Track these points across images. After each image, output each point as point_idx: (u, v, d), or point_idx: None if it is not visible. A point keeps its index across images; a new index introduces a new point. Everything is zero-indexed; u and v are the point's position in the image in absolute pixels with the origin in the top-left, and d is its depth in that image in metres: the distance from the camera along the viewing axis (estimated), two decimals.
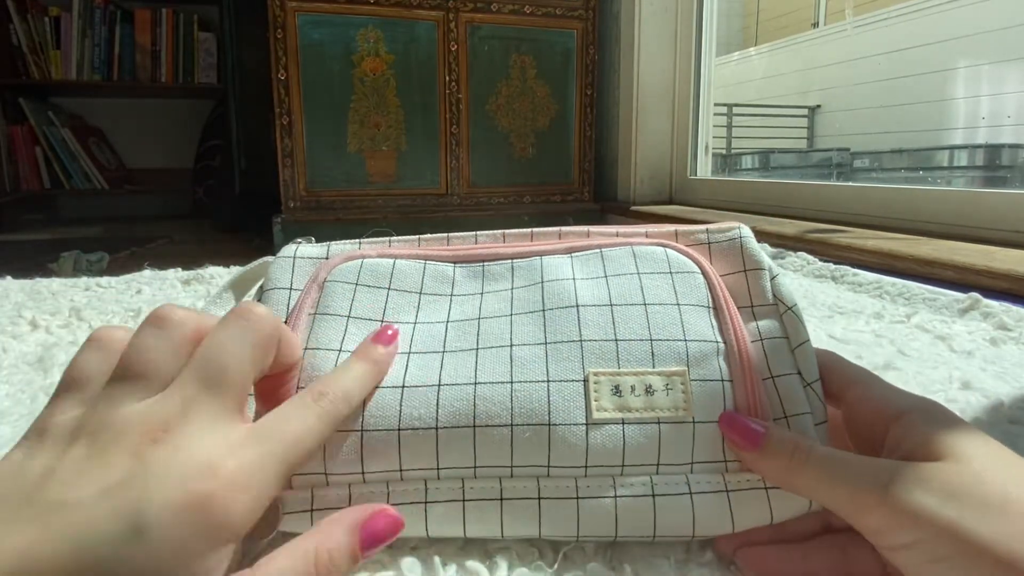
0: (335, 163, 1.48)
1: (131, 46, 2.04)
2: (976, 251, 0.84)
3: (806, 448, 0.24)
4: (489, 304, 0.30)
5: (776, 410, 0.27)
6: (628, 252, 0.31)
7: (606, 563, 0.26)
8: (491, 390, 0.26)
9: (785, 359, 0.28)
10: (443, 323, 0.29)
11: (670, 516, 0.25)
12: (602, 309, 0.28)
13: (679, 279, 0.29)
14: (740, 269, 0.30)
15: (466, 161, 1.58)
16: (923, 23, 3.24)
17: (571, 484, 0.25)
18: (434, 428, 0.25)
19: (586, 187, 1.70)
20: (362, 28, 1.46)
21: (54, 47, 1.97)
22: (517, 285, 0.31)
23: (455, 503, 0.26)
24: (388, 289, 0.30)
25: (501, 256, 0.32)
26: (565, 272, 0.30)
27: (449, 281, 0.31)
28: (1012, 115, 2.96)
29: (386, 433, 0.25)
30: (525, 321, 0.29)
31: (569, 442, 0.25)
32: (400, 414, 0.26)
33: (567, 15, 1.60)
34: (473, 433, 0.25)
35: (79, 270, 1.43)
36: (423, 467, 0.26)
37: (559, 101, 1.64)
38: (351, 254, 0.32)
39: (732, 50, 4.79)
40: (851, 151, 3.50)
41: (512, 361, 0.27)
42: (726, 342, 0.28)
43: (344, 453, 0.25)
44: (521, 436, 0.25)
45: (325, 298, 0.30)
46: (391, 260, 0.31)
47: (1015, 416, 0.42)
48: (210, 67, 2.09)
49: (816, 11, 4.52)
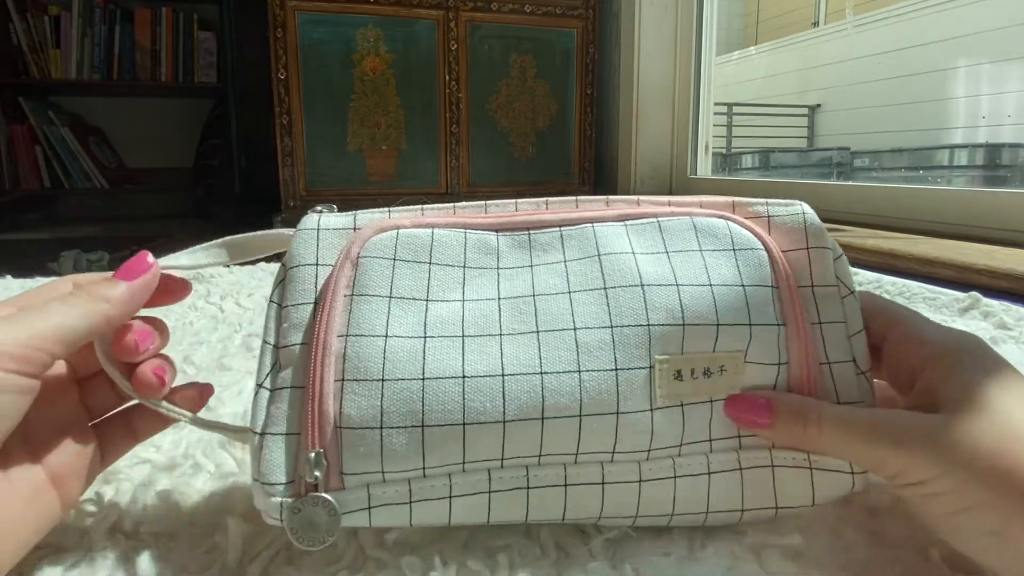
0: (335, 162, 1.48)
1: (131, 45, 2.04)
2: (976, 250, 0.84)
3: (818, 411, 0.25)
4: (543, 279, 0.28)
5: (830, 396, 0.27)
6: (688, 224, 0.29)
7: (608, 561, 0.26)
8: (559, 380, 0.25)
9: (843, 345, 0.27)
10: (494, 300, 0.27)
11: (722, 491, 0.26)
12: (668, 290, 0.27)
13: (742, 256, 0.28)
14: (803, 247, 0.29)
15: (466, 160, 1.58)
16: (923, 22, 3.24)
17: (635, 468, 0.26)
18: (501, 422, 0.24)
19: (586, 186, 1.70)
20: (362, 27, 1.46)
21: (54, 46, 1.97)
22: (570, 257, 0.28)
23: (519, 491, 0.25)
24: (429, 264, 0.28)
25: (547, 224, 0.29)
26: (623, 245, 0.28)
27: (494, 252, 0.29)
28: (1012, 114, 2.96)
29: (450, 428, 0.24)
30: (586, 300, 0.27)
31: (635, 428, 0.25)
32: (464, 408, 0.24)
33: (567, 14, 1.60)
34: (541, 425, 0.25)
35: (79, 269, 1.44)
36: (487, 458, 0.25)
37: (559, 100, 1.64)
38: (383, 224, 0.28)
39: (732, 49, 4.79)
40: (851, 150, 3.50)
41: (578, 347, 0.26)
42: (787, 323, 0.27)
43: (403, 448, 0.24)
44: (589, 426, 0.25)
45: (362, 276, 0.27)
46: (429, 230, 0.28)
47: None
48: (210, 66, 2.09)
49: (816, 10, 4.52)
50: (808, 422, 0.25)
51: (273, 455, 0.24)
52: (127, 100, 2.25)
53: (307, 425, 0.24)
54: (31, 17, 1.95)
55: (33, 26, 1.95)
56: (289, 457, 0.24)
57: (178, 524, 0.29)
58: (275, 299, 0.27)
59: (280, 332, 0.26)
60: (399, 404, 0.24)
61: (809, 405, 0.25)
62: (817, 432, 0.25)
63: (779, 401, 0.26)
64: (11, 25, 1.93)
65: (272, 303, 0.27)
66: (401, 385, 0.24)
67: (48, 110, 2.07)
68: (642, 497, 0.26)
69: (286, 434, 0.25)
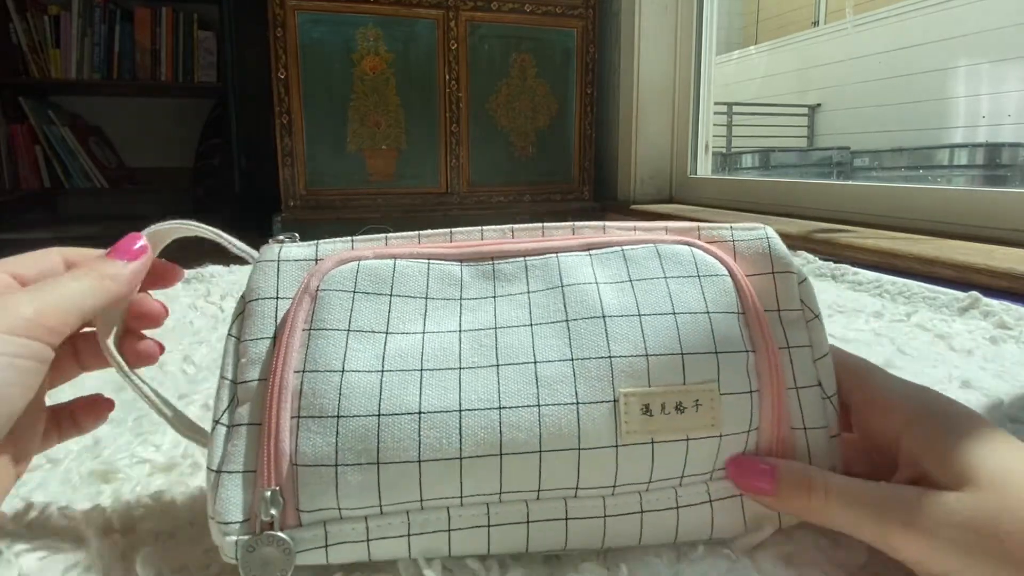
0: (335, 162, 1.48)
1: (131, 45, 2.04)
2: (976, 250, 0.84)
3: (824, 483, 0.24)
4: (505, 311, 0.27)
5: (796, 421, 0.27)
6: (652, 252, 0.29)
7: (600, 563, 0.26)
8: (517, 416, 0.24)
9: (809, 370, 0.27)
10: (455, 332, 0.27)
11: (691, 522, 0.26)
12: (631, 320, 0.26)
13: (707, 283, 0.28)
14: (768, 271, 0.29)
15: (466, 160, 1.58)
16: (923, 22, 3.24)
17: (599, 504, 0.25)
18: (458, 459, 0.24)
19: (586, 186, 1.70)
20: (362, 26, 1.46)
21: (54, 46, 1.97)
22: (534, 288, 0.28)
23: (479, 529, 0.25)
24: (390, 296, 0.27)
25: (512, 254, 0.29)
26: (586, 275, 0.28)
27: (457, 283, 0.28)
28: (1012, 114, 2.95)
29: (405, 466, 0.24)
30: (548, 333, 0.26)
31: (598, 465, 0.25)
32: (420, 445, 0.24)
33: (567, 14, 1.60)
34: (500, 461, 0.24)
35: None
36: (446, 496, 0.25)
37: (559, 100, 1.64)
38: (344, 256, 0.28)
39: (732, 49, 4.79)
40: (851, 150, 3.50)
41: (538, 381, 0.25)
42: (755, 350, 0.27)
43: (359, 486, 0.24)
44: (550, 462, 0.24)
45: (320, 310, 0.26)
46: (391, 261, 0.28)
47: (1015, 415, 0.42)
48: (210, 66, 2.09)
49: (816, 10, 4.52)
50: (813, 493, 0.24)
51: (229, 493, 0.24)
52: (127, 100, 2.25)
53: (263, 463, 0.24)
54: (31, 17, 1.95)
55: (33, 26, 1.95)
56: (245, 495, 0.24)
57: (177, 523, 0.29)
58: (233, 333, 0.27)
59: (238, 367, 0.26)
60: (354, 441, 0.24)
61: (814, 475, 0.25)
62: (822, 504, 0.24)
63: (784, 469, 0.25)
64: (11, 25, 1.93)
65: (231, 336, 0.27)
66: (356, 422, 0.24)
67: (48, 110, 2.06)
68: (607, 531, 0.26)
69: (243, 471, 0.25)
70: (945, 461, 0.23)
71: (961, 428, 0.24)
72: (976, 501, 0.21)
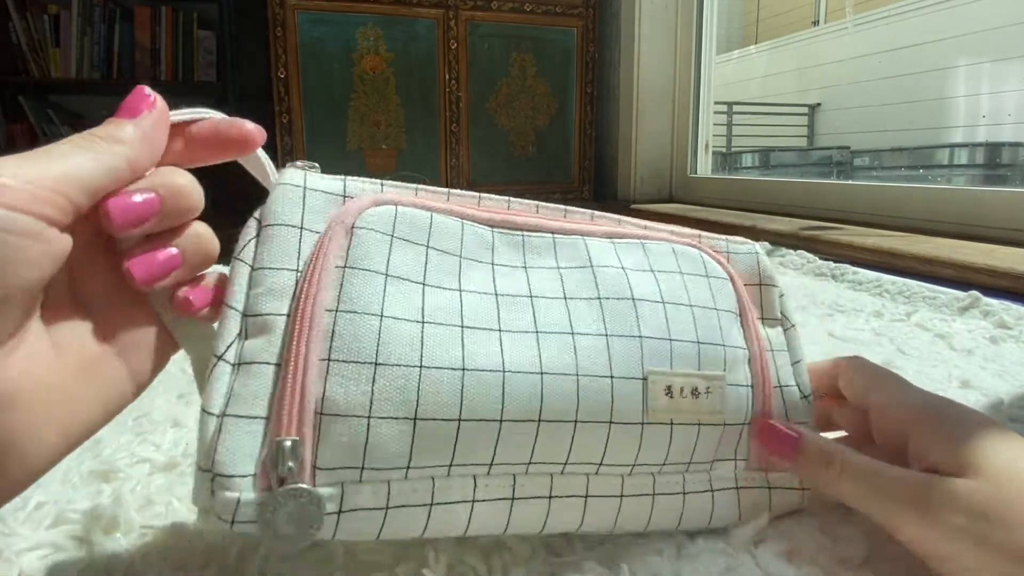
0: (335, 161, 1.48)
1: (131, 44, 2.04)
2: (976, 249, 0.84)
3: (842, 458, 0.26)
4: (538, 281, 0.27)
5: (780, 416, 0.29)
6: (668, 248, 0.31)
7: (601, 561, 0.26)
8: (558, 383, 0.24)
9: (788, 372, 0.30)
10: (492, 295, 0.26)
11: (694, 509, 0.27)
12: (655, 306, 0.28)
13: (714, 284, 0.30)
14: (756, 282, 0.32)
15: (466, 159, 1.58)
16: (923, 21, 3.24)
17: (617, 483, 0.26)
18: (498, 420, 0.23)
19: (586, 185, 1.70)
20: (362, 26, 1.46)
21: (53, 45, 1.97)
22: (564, 265, 0.28)
23: (502, 503, 0.24)
24: (427, 247, 0.26)
25: (541, 228, 0.29)
26: (612, 260, 0.29)
27: (489, 247, 0.27)
28: (1012, 113, 2.95)
29: (444, 423, 0.22)
30: (582, 307, 0.27)
31: (625, 441, 0.25)
32: (462, 403, 0.22)
33: (567, 13, 1.60)
34: (536, 428, 0.24)
35: None
36: (476, 462, 0.23)
37: (559, 99, 1.64)
38: (379, 198, 0.26)
39: (732, 48, 4.79)
40: (851, 149, 3.50)
41: (576, 351, 0.25)
42: (750, 350, 0.29)
43: (391, 442, 0.22)
44: (583, 433, 0.24)
45: (356, 247, 0.24)
46: (428, 212, 0.26)
47: (1015, 414, 0.42)
48: (210, 65, 2.09)
49: (816, 9, 4.52)
50: (830, 466, 0.26)
51: (236, 441, 0.21)
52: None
53: (283, 407, 0.21)
54: (31, 16, 1.95)
55: (33, 25, 1.95)
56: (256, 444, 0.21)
57: (177, 523, 0.29)
58: (243, 258, 0.23)
59: (250, 297, 0.23)
60: (392, 392, 0.22)
61: (834, 449, 0.26)
62: (836, 478, 0.25)
63: (807, 439, 0.27)
64: (11, 24, 1.93)
65: (240, 262, 0.23)
66: (397, 371, 0.22)
67: (48, 109, 2.06)
68: (621, 512, 0.26)
69: (253, 416, 0.21)
70: (955, 452, 0.23)
71: (970, 423, 0.24)
72: (985, 489, 0.22)
